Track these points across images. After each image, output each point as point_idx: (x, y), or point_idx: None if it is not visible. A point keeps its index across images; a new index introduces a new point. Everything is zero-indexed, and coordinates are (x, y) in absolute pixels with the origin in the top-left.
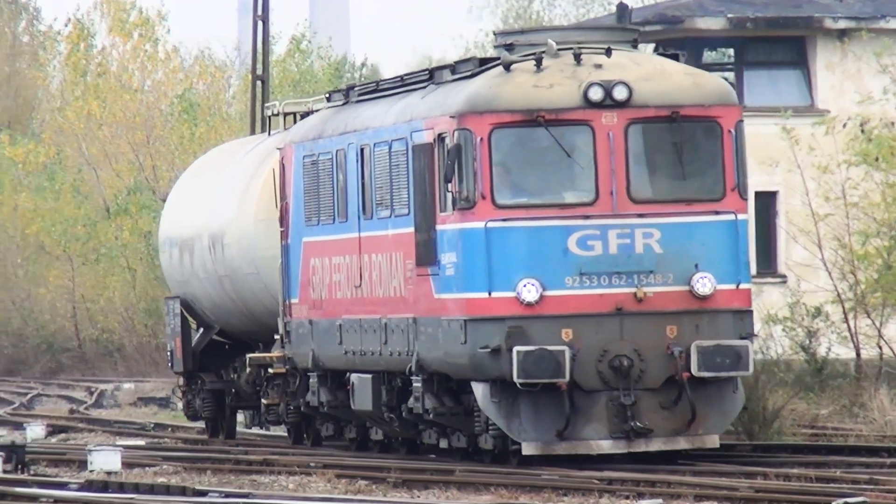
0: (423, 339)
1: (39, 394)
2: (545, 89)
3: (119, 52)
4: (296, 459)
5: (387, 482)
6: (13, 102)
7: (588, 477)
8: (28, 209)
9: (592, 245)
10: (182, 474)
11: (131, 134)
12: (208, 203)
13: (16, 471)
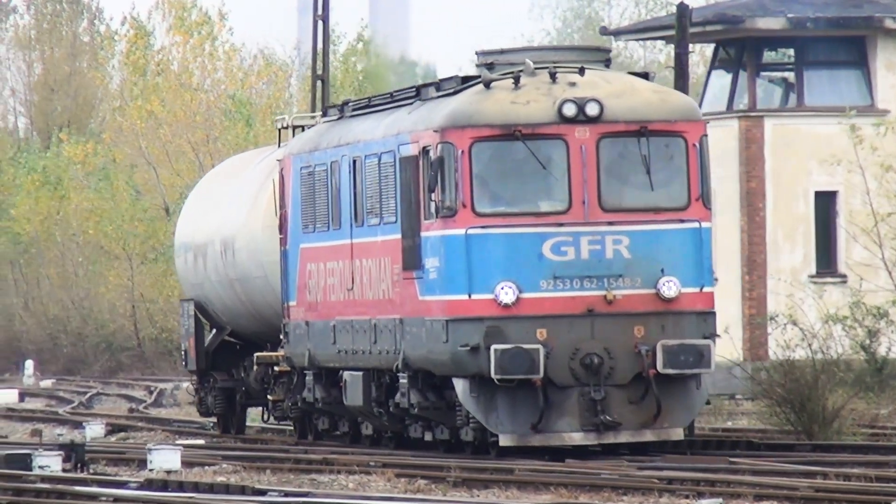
0: (408, 338)
1: (99, 393)
2: (522, 105)
3: (179, 51)
4: (355, 458)
5: (446, 481)
6: (73, 102)
7: (648, 476)
8: (87, 209)
9: (566, 251)
10: (241, 473)
11: (191, 133)
12: (221, 210)
13: (75, 469)
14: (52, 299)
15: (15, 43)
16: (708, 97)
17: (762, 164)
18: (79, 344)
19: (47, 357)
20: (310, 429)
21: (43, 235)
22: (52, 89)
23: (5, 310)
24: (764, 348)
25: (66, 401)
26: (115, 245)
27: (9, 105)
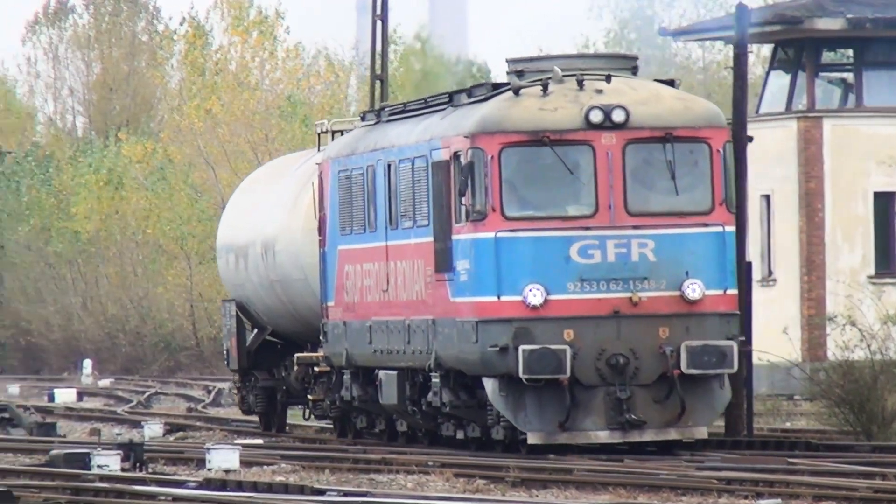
0: (440, 338)
1: (157, 392)
2: (550, 112)
3: (237, 50)
4: (414, 458)
5: (505, 481)
6: (131, 101)
7: (707, 477)
8: (145, 208)
9: (592, 254)
10: (300, 473)
11: (249, 132)
12: (262, 212)
13: (134, 469)
14: (111, 299)
15: (74, 42)
16: (766, 98)
17: (821, 164)
18: (137, 343)
19: (106, 356)
20: (349, 427)
21: (102, 234)
22: (111, 89)
23: (64, 309)
24: (823, 349)
25: (125, 400)
26: (173, 244)
27: (67, 104)
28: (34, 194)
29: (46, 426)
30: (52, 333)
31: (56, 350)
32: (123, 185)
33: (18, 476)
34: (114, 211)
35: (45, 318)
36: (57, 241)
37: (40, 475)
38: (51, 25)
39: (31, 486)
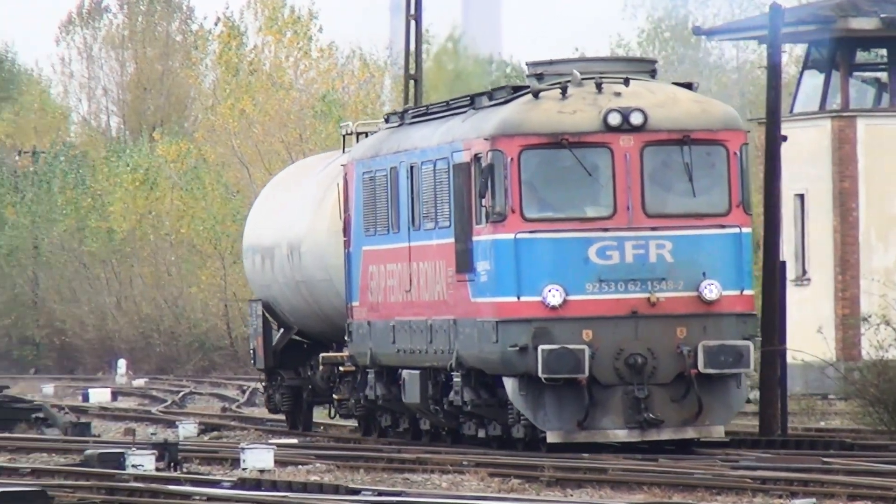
0: (461, 338)
1: (192, 392)
2: (569, 115)
3: (271, 50)
4: (449, 458)
5: (540, 481)
6: (166, 101)
7: (741, 476)
8: (179, 208)
9: (610, 255)
10: (335, 472)
11: (283, 132)
12: (287, 214)
13: (168, 468)
14: (145, 298)
15: (108, 42)
16: (800, 97)
17: (855, 164)
18: (171, 343)
19: (140, 356)
20: (373, 426)
21: (138, 234)
22: (145, 88)
23: (98, 309)
24: (857, 348)
25: (159, 400)
26: (207, 244)
27: (101, 104)
28: (67, 194)
29: (81, 426)
30: (86, 333)
31: (90, 350)
32: (157, 184)
33: (53, 476)
34: (148, 211)
35: (79, 318)
36: (91, 240)
37: (75, 475)
38: (85, 25)
39: (65, 485)
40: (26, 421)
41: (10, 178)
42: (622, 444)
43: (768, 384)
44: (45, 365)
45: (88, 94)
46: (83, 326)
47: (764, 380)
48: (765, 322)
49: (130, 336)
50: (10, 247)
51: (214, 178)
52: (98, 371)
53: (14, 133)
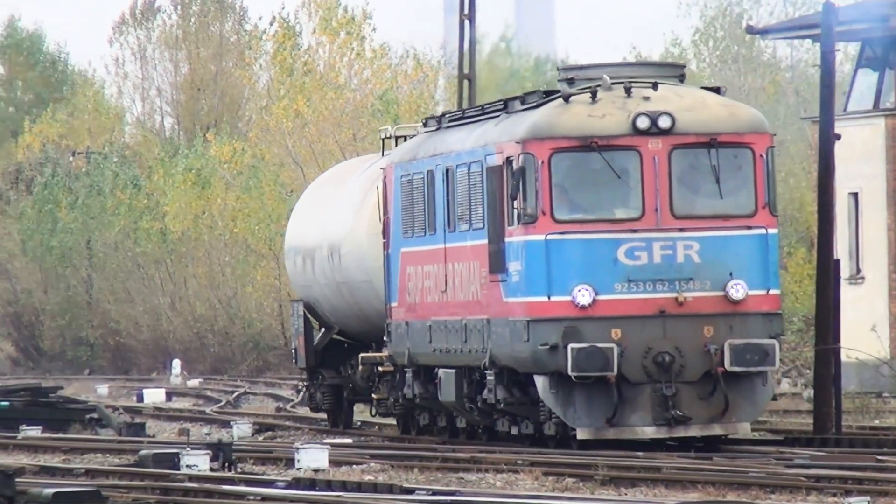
0: (494, 337)
1: (246, 392)
2: (598, 118)
3: (325, 50)
4: (503, 457)
5: (594, 479)
6: (220, 102)
7: (796, 474)
8: (234, 207)
9: (639, 255)
10: (389, 472)
11: (339, 132)
12: (328, 216)
13: (223, 469)
14: (200, 299)
15: (162, 42)
16: (854, 96)
17: None
18: (226, 343)
19: (194, 356)
20: (411, 424)
21: (192, 234)
22: (199, 89)
23: (153, 309)
24: None
25: (214, 400)
26: (261, 244)
27: (155, 105)
28: (118, 196)
29: (135, 426)
30: (140, 334)
31: (145, 350)
32: (211, 184)
33: (107, 476)
34: (202, 211)
35: (133, 319)
36: (145, 241)
37: (129, 475)
38: (138, 26)
39: (120, 486)
40: (81, 421)
41: (63, 179)
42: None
43: (822, 383)
44: (99, 365)
45: (142, 94)
46: (137, 327)
47: (818, 378)
48: (819, 321)
49: (185, 336)
50: (64, 248)
51: (272, 178)
52: (152, 371)
53: (68, 134)
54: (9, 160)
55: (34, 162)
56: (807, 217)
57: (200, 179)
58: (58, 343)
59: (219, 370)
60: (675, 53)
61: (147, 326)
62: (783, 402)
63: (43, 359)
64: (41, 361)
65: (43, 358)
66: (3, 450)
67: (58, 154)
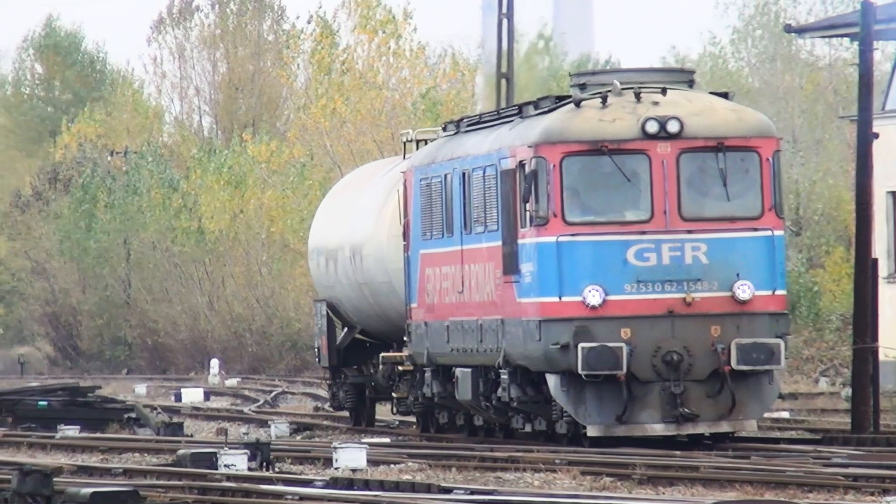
0: (508, 337)
1: (284, 391)
2: (609, 123)
3: (364, 49)
4: (541, 456)
5: (632, 479)
6: (257, 101)
7: (833, 473)
8: (272, 207)
9: (648, 256)
10: (427, 471)
11: (376, 131)
12: (350, 218)
13: (261, 468)
14: (237, 298)
15: (200, 42)
16: (892, 94)
17: None
18: (263, 343)
19: (232, 356)
20: (431, 422)
21: (230, 234)
22: (237, 88)
23: (191, 309)
24: None
25: (252, 399)
26: (300, 243)
27: (194, 104)
28: (154, 195)
29: (173, 426)
30: (178, 333)
31: (183, 350)
32: (247, 184)
33: (145, 476)
34: (239, 210)
35: (171, 318)
36: (182, 241)
37: (167, 475)
38: (176, 25)
39: (158, 485)
40: (119, 421)
41: (101, 179)
42: (660, 438)
43: (860, 382)
44: (137, 365)
45: (181, 94)
46: (175, 326)
47: (856, 377)
48: (856, 319)
49: (223, 336)
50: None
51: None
52: (190, 371)
53: (106, 133)
54: (46, 160)
55: (72, 161)
56: (844, 216)
57: (234, 178)
58: (96, 343)
59: (257, 369)
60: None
61: (185, 326)
62: (821, 401)
63: (81, 358)
64: (79, 361)
65: (81, 357)
66: (42, 449)
67: (95, 154)
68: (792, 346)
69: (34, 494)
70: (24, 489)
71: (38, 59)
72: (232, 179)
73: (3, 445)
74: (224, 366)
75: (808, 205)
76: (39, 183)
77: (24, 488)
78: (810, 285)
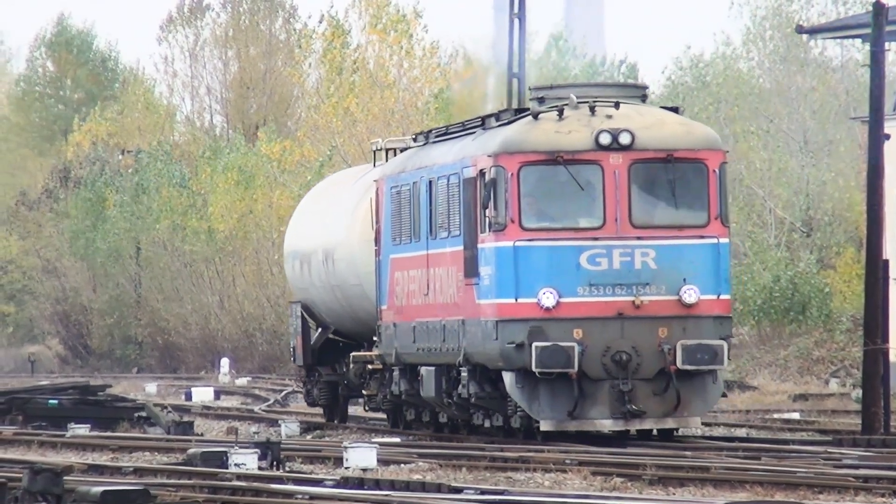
0: (468, 336)
1: (294, 391)
2: (564, 135)
3: (375, 49)
4: (551, 456)
5: (642, 479)
6: (269, 100)
7: (844, 475)
8: (282, 207)
9: (600, 261)
10: (437, 471)
11: (388, 131)
12: (323, 223)
13: (271, 467)
14: (248, 297)
15: (211, 41)
16: None
17: None
18: (274, 342)
19: (243, 355)
20: (399, 419)
21: (240, 234)
22: (248, 87)
23: (201, 308)
24: None
25: (262, 399)
26: None
27: (205, 103)
28: (164, 195)
29: (184, 425)
30: (189, 332)
31: (193, 349)
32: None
33: (156, 475)
34: (248, 210)
35: (182, 317)
36: (192, 240)
37: (177, 474)
38: (187, 24)
39: (168, 484)
40: (129, 420)
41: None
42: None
43: (871, 383)
44: (147, 364)
45: (192, 93)
46: (186, 325)
47: (866, 378)
48: (867, 320)
49: (233, 335)
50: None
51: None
52: (201, 370)
53: (117, 132)
54: (58, 158)
55: (84, 160)
56: (856, 217)
57: (244, 178)
58: (106, 341)
59: (267, 369)
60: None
61: (195, 325)
62: (831, 402)
63: (91, 357)
64: (89, 360)
65: (91, 356)
66: (52, 448)
67: (107, 153)
68: (802, 346)
69: (45, 493)
70: (35, 488)
71: (49, 57)
72: (241, 179)
73: (13, 444)
74: (234, 365)
75: (819, 205)
76: (51, 181)
77: (35, 487)
78: (821, 286)
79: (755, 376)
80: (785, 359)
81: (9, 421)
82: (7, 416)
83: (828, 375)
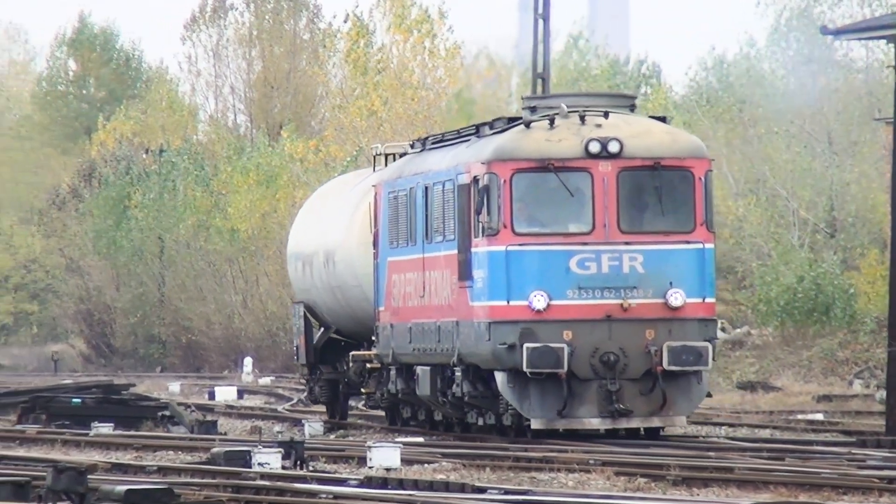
0: (462, 337)
1: None
2: (555, 143)
3: (399, 49)
4: (575, 457)
5: (666, 480)
6: (293, 100)
7: (868, 476)
8: None
9: (589, 265)
10: (461, 471)
11: (412, 131)
12: (324, 226)
13: (295, 467)
14: (271, 297)
15: (235, 40)
16: None
17: None
18: None
19: (266, 354)
20: (397, 417)
21: (262, 233)
22: (272, 86)
23: (224, 307)
24: None
25: (285, 398)
26: None
27: (229, 102)
28: (189, 193)
29: (207, 424)
30: (212, 331)
31: (216, 348)
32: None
33: (179, 474)
34: (272, 209)
35: (205, 317)
36: (215, 239)
37: (201, 473)
38: (211, 24)
39: (192, 483)
40: (153, 419)
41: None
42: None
43: (895, 384)
44: (171, 363)
45: (215, 92)
46: (209, 325)
47: (891, 379)
48: (892, 321)
49: (256, 334)
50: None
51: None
52: (224, 369)
53: (141, 132)
54: (82, 157)
55: (108, 159)
56: (880, 218)
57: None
58: (129, 340)
59: (290, 368)
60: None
61: (219, 324)
62: (855, 403)
63: (115, 356)
64: (113, 359)
65: (115, 355)
66: (76, 447)
67: (131, 151)
68: (826, 348)
69: (68, 491)
70: (59, 486)
71: (71, 55)
72: (262, 179)
73: (37, 442)
74: (258, 364)
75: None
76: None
77: (59, 485)
78: (845, 287)
79: (779, 377)
80: (809, 360)
81: (32, 419)
82: (31, 415)
83: (852, 377)
